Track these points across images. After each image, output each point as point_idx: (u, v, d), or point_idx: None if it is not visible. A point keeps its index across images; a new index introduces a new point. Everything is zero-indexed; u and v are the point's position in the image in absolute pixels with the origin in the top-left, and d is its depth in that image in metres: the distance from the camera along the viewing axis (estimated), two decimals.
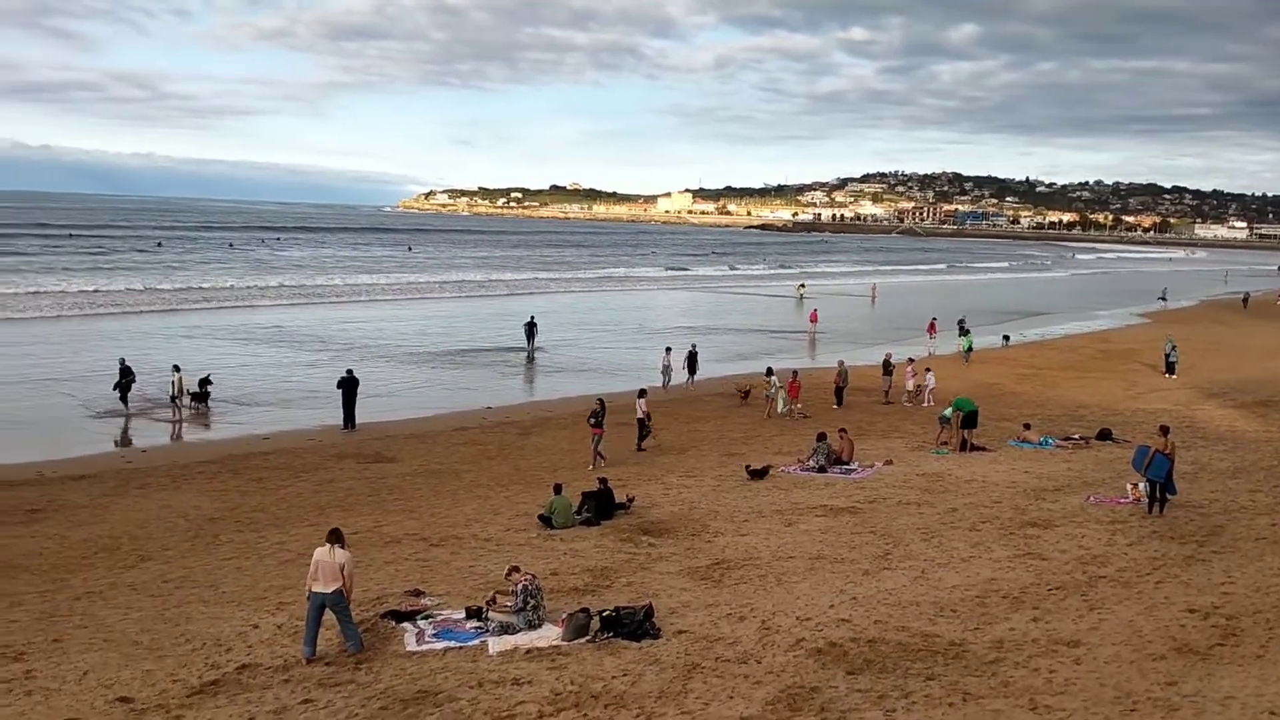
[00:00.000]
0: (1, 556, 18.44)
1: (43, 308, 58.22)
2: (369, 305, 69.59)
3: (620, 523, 20.42)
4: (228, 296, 68.27)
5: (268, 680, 12.46)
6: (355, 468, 25.83)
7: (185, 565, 17.99)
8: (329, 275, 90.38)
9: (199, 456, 26.33)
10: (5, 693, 12.30)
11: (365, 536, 19.43)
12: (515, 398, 36.19)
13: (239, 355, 43.63)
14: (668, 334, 56.70)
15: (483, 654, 13.14)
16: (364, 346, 47.69)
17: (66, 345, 44.35)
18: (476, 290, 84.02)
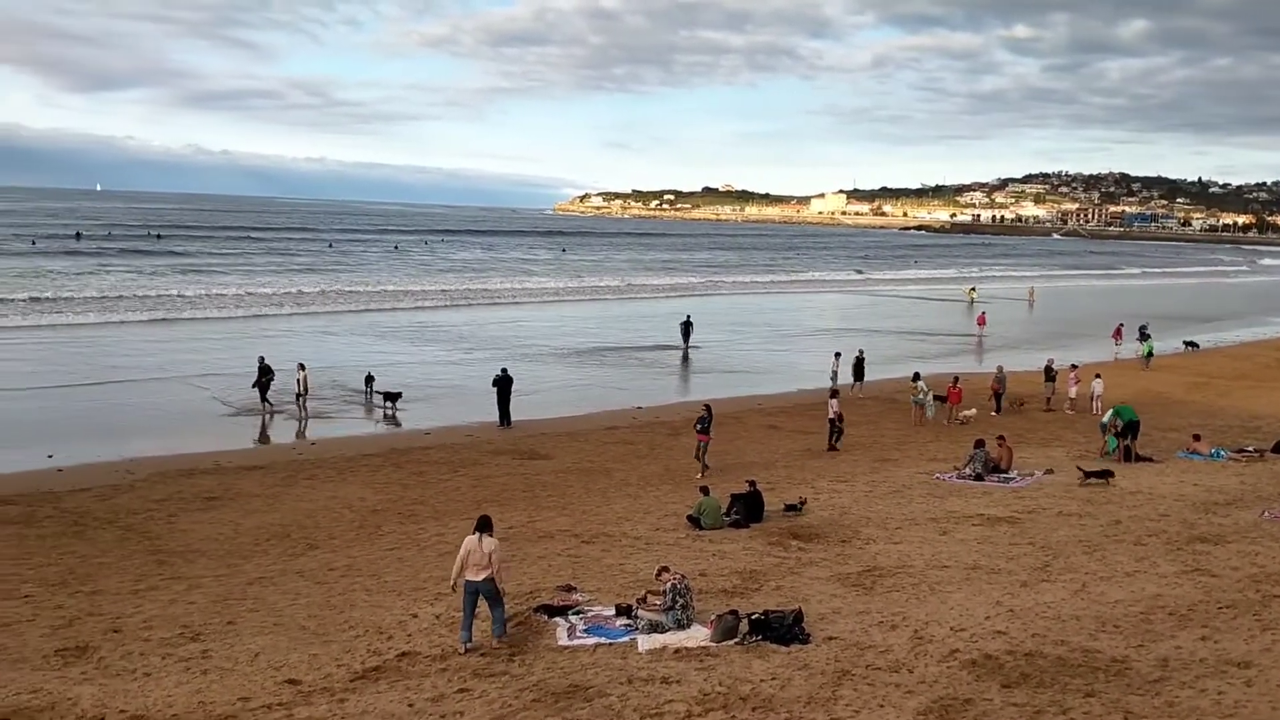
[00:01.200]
0: (182, 541, 19.53)
1: (221, 306, 61.20)
2: (525, 306, 71.00)
3: (769, 526, 20.36)
4: (392, 297, 70.40)
5: (426, 668, 12.88)
6: (510, 464, 26.41)
7: (350, 554, 18.72)
8: (487, 276, 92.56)
9: (364, 450, 27.31)
10: (183, 671, 13.04)
11: (519, 531, 19.87)
12: (665, 398, 36.40)
13: (402, 353, 45.11)
14: (824, 337, 56.22)
15: (632, 651, 13.30)
16: (520, 346, 48.71)
17: (236, 343, 46.54)
18: (629, 292, 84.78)
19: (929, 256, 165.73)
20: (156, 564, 18.16)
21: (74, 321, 51.74)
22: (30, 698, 12.13)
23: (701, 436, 25.85)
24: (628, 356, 47.18)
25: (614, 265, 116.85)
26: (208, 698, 12.10)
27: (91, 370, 37.89)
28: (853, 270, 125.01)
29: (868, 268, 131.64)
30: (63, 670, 13.12)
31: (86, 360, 40.27)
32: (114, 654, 13.68)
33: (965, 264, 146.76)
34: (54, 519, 20.59)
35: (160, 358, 41.21)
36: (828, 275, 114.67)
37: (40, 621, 15.09)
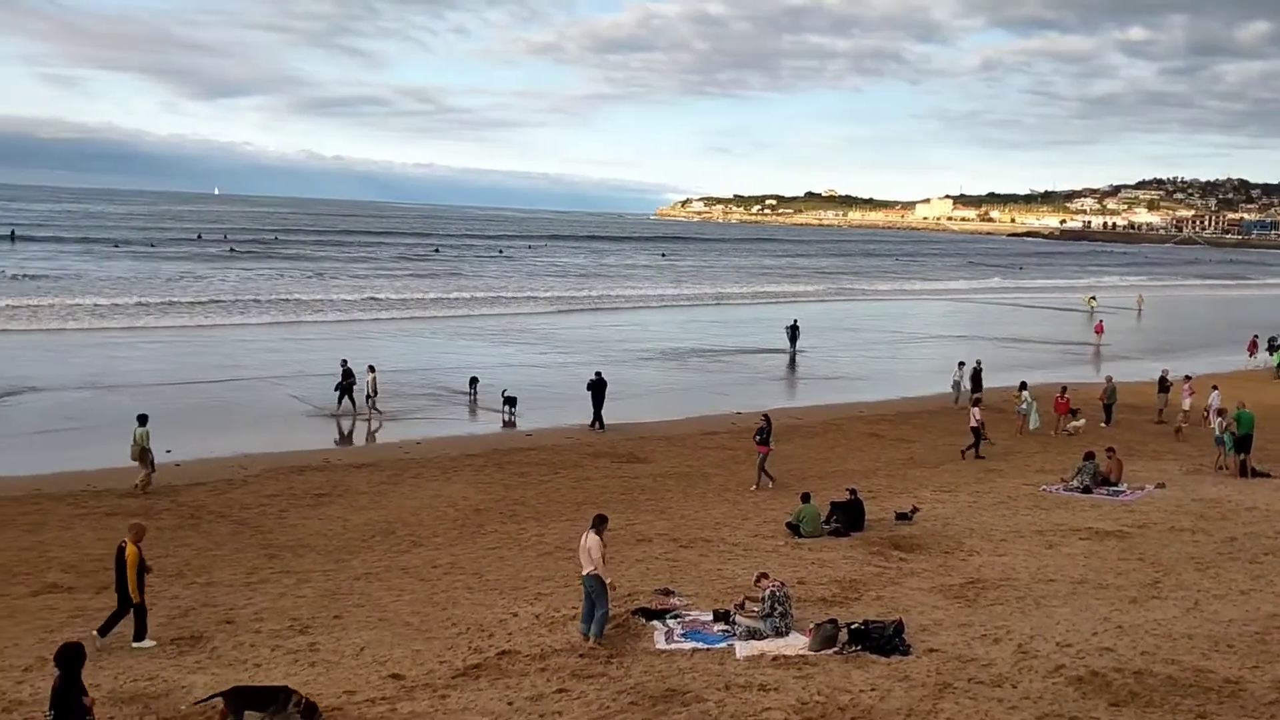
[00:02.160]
0: (292, 536, 20.09)
1: (330, 309, 62.70)
2: (625, 310, 71.29)
3: (870, 535, 20.16)
4: (496, 302, 71.34)
5: (525, 668, 13.05)
6: (610, 466, 26.58)
7: (452, 552, 19.05)
8: (589, 281, 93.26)
9: (467, 450, 27.74)
10: (291, 662, 13.43)
11: (618, 534, 19.97)
12: (764, 403, 36.14)
13: (504, 356, 45.70)
14: (930, 344, 55.49)
15: (729, 657, 13.29)
16: (620, 350, 48.98)
17: (341, 345, 47.69)
18: (729, 297, 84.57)
19: (1038, 263, 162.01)
20: (267, 558, 18.73)
21: (193, 323, 53.52)
22: (147, 684, 12.60)
23: (761, 448, 25.11)
24: (728, 361, 47.10)
25: (714, 270, 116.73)
26: (315, 690, 12.41)
27: (208, 369, 39.17)
28: (960, 277, 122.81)
29: (976, 274, 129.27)
30: (178, 658, 13.60)
31: (203, 359, 41.64)
32: (226, 644, 14.14)
33: (1075, 271, 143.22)
34: (171, 512, 21.36)
35: (272, 357, 42.43)
36: (935, 283, 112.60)
37: (157, 611, 15.63)
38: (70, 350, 42.28)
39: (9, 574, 17.40)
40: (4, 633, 14.66)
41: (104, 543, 19.13)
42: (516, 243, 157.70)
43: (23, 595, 16.47)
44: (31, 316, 51.47)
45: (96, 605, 15.89)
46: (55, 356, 40.54)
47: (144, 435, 23.38)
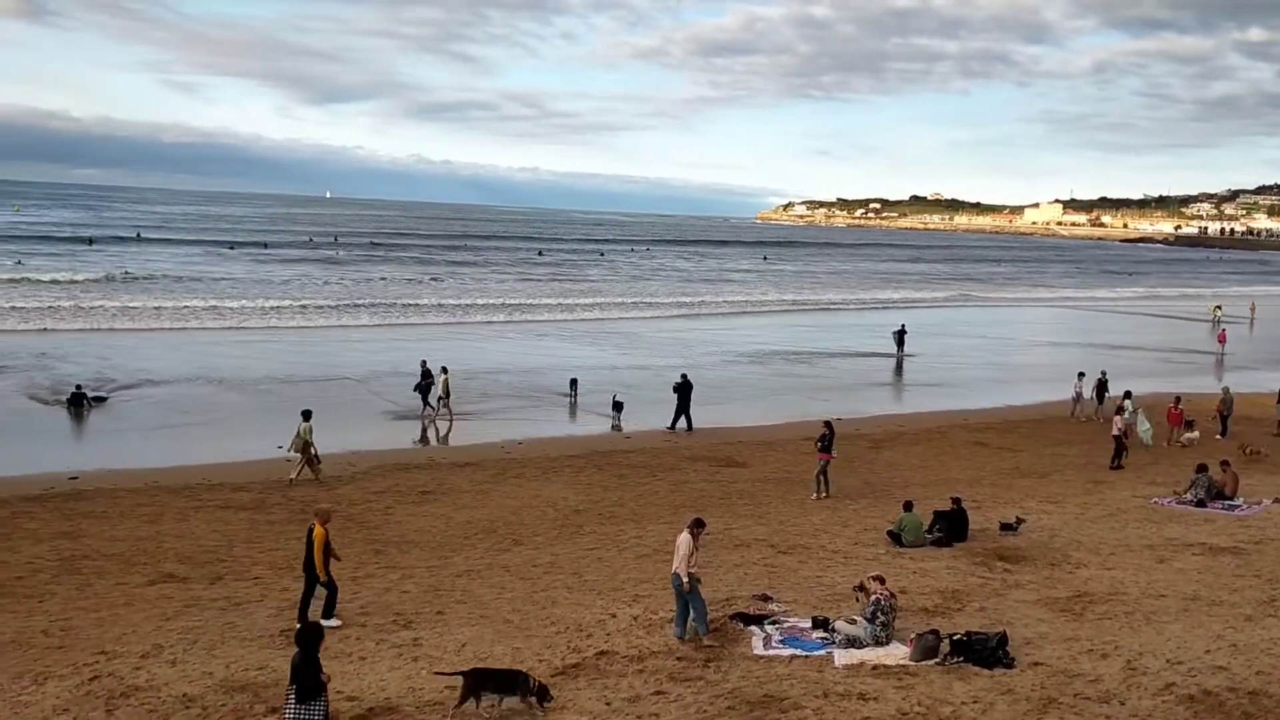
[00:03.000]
0: (397, 532, 20.51)
1: (434, 311, 63.83)
2: (726, 314, 71.17)
3: (974, 545, 19.79)
4: (597, 307, 71.84)
5: (623, 668, 13.12)
6: (708, 470, 26.57)
7: (552, 552, 19.24)
8: (690, 284, 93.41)
9: (566, 451, 28.00)
10: (396, 656, 13.70)
11: (716, 538, 19.95)
12: (866, 409, 35.84)
13: (604, 358, 46.00)
14: (1039, 351, 54.32)
15: (828, 665, 13.19)
16: (720, 353, 48.99)
17: (446, 345, 48.48)
18: (830, 302, 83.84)
19: (1153, 270, 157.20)
20: (374, 553, 19.15)
21: (308, 324, 55.00)
22: (257, 674, 12.98)
23: (823, 455, 24.61)
24: (830, 366, 46.74)
25: (815, 274, 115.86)
26: (417, 684, 12.67)
27: (314, 367, 40.18)
28: (1072, 283, 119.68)
29: (1088, 280, 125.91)
30: (287, 649, 13.92)
31: (311, 358, 42.73)
32: (333, 637, 14.41)
33: (1191, 278, 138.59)
34: (282, 506, 21.97)
35: (375, 356, 43.33)
36: (1045, 289, 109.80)
37: (268, 602, 16.13)
38: (186, 347, 43.76)
39: (128, 563, 18.08)
40: (123, 620, 15.23)
41: (217, 534, 19.85)
42: (618, 246, 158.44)
43: (140, 584, 17.10)
44: (153, 316, 53.39)
45: (210, 595, 16.46)
46: (173, 353, 41.98)
47: (307, 430, 24.39)
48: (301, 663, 10.26)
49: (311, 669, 10.27)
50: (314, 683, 10.27)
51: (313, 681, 10.26)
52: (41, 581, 17.01)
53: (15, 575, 17.24)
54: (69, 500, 21.66)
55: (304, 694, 10.20)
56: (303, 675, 10.22)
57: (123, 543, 19.13)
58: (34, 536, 19.24)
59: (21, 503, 21.26)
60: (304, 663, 10.26)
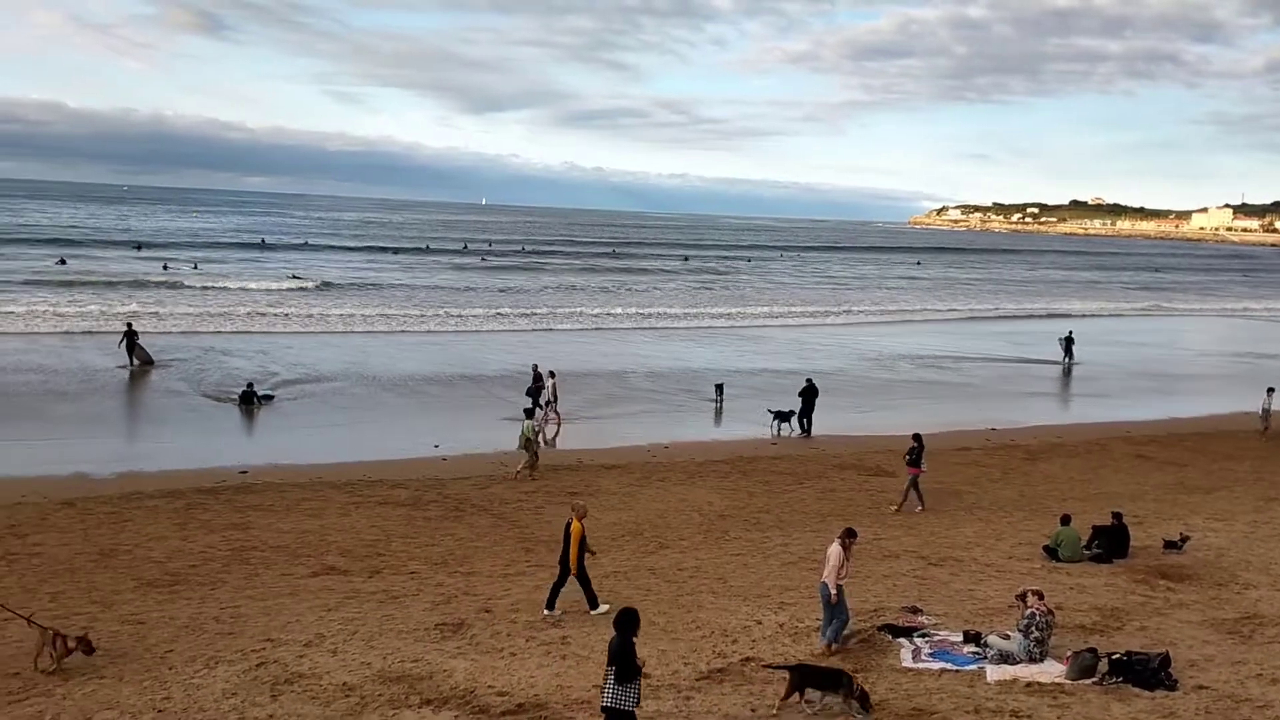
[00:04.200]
0: (547, 531, 20.86)
1: (575, 317, 64.68)
2: (876, 322, 70.15)
3: (1135, 562, 19.06)
4: (742, 314, 71.72)
5: (769, 675, 13.08)
6: (856, 479, 26.26)
7: (697, 556, 19.31)
8: (842, 290, 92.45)
9: (712, 456, 28.04)
10: (544, 654, 13.97)
11: (864, 548, 19.67)
12: (1022, 419, 34.83)
13: (749, 364, 45.88)
14: (1208, 362, 51.91)
15: (979, 680, 12.91)
16: (871, 360, 48.37)
17: (585, 350, 49.08)
18: (985, 311, 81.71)
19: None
20: (524, 551, 19.56)
21: (460, 327, 56.43)
22: (413, 666, 13.41)
23: (911, 469, 23.90)
24: (985, 374, 45.58)
25: (969, 280, 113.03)
26: (565, 682, 12.90)
27: (468, 367, 41.17)
28: (1246, 292, 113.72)
29: (1265, 289, 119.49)
30: (440, 643, 14.39)
31: (463, 360, 43.76)
32: (484, 632, 14.85)
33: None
34: (438, 504, 22.62)
35: (520, 357, 44.16)
36: (1218, 299, 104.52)
37: (423, 597, 16.64)
38: (349, 349, 45.36)
39: (293, 555, 18.89)
40: (288, 609, 15.92)
41: (376, 529, 20.55)
42: (767, 252, 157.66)
43: (304, 575, 17.85)
44: (319, 320, 55.55)
45: (369, 588, 17.07)
46: (335, 354, 43.55)
47: (530, 428, 25.51)
48: (619, 646, 10.63)
49: (629, 652, 10.62)
50: (631, 665, 10.61)
51: (630, 664, 10.60)
52: (213, 570, 17.93)
53: (190, 564, 18.21)
54: (239, 493, 22.75)
55: (622, 675, 10.57)
56: (621, 658, 10.59)
57: (288, 535, 20.00)
58: (207, 527, 20.28)
59: (196, 495, 22.43)
60: (621, 646, 10.63)
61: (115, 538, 19.40)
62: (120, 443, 28.58)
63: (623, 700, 10.60)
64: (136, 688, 12.62)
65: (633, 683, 10.65)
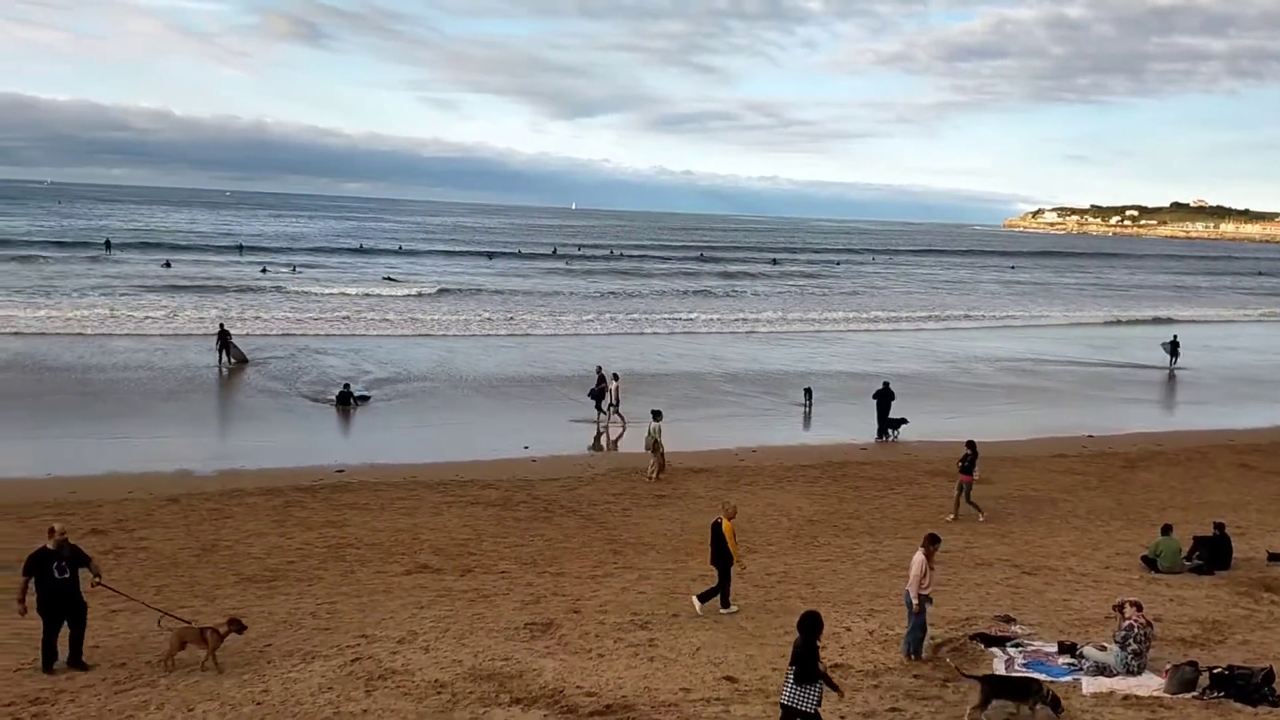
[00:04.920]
0: (634, 534, 20.99)
1: (662, 320, 64.77)
2: (968, 327, 69.09)
3: (1238, 574, 18.51)
4: (828, 319, 71.19)
5: (858, 683, 13.00)
6: (948, 486, 25.79)
7: (785, 561, 19.23)
8: (932, 295, 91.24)
9: (801, 460, 27.89)
10: (632, 655, 14.04)
11: (956, 556, 19.46)
12: (1121, 426, 34.01)
13: (840, 367, 45.54)
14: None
15: (1074, 692, 12.67)
16: (963, 365, 47.69)
17: (664, 352, 49.10)
18: (1082, 318, 79.92)
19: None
20: (612, 553, 19.67)
21: (553, 331, 56.94)
22: (502, 664, 13.58)
23: (964, 477, 23.32)
24: (1082, 379, 44.59)
25: (1065, 285, 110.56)
26: (653, 684, 12.96)
27: (552, 371, 41.52)
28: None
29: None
30: (530, 642, 14.56)
31: (549, 362, 44.14)
32: (573, 633, 14.98)
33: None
34: (527, 504, 22.87)
35: (596, 359, 44.43)
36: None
37: (513, 596, 16.84)
38: (442, 351, 46.03)
39: (387, 553, 19.26)
40: (382, 606, 16.24)
41: (468, 529, 20.85)
42: (858, 256, 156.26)
43: (398, 573, 18.19)
44: (414, 322, 56.48)
45: (460, 587, 17.33)
46: (428, 356, 44.24)
47: (657, 429, 25.68)
48: (803, 647, 10.70)
49: (812, 654, 10.67)
50: (813, 667, 10.65)
51: (812, 666, 10.64)
52: (311, 566, 18.37)
53: (288, 560, 18.68)
54: (336, 492, 23.26)
55: (803, 676, 10.62)
56: (803, 659, 10.65)
57: (383, 533, 20.39)
58: (305, 524, 20.79)
59: (295, 493, 22.99)
60: (805, 647, 10.70)
61: (217, 533, 19.99)
62: (222, 441, 29.45)
63: (802, 701, 10.61)
64: (236, 680, 12.99)
65: (814, 685, 10.62)
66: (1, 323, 46.81)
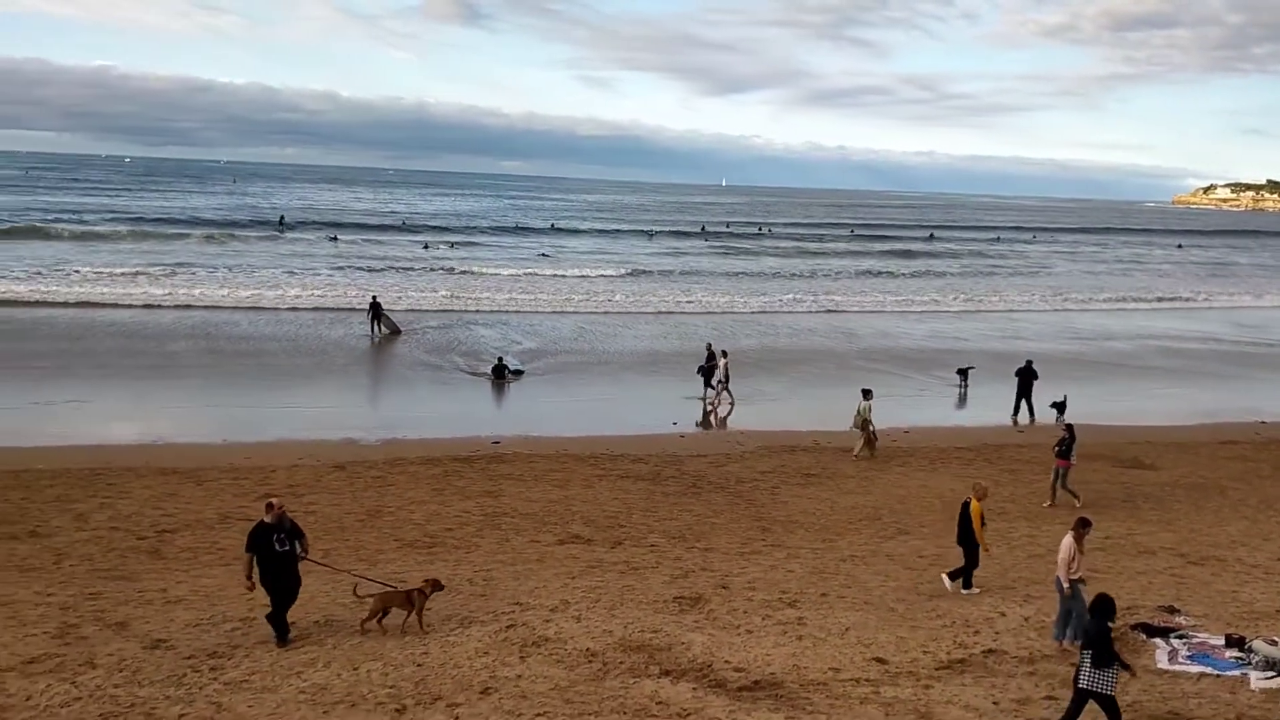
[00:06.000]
0: (783, 512, 21.00)
1: (805, 299, 64.12)
2: (1135, 309, 66.42)
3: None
4: (987, 297, 69.42)
5: (1012, 669, 12.78)
6: (1109, 470, 25.06)
7: (939, 544, 18.93)
8: (1092, 274, 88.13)
9: (956, 442, 27.38)
10: (780, 633, 14.07)
11: (1116, 543, 18.89)
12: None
13: (1000, 347, 44.38)
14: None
15: (1242, 687, 12.20)
16: (1131, 346, 45.98)
17: (804, 330, 48.61)
18: (1262, 304, 75.89)
19: None
20: (760, 530, 19.73)
21: (696, 310, 57.04)
22: (652, 636, 13.79)
23: (1061, 461, 22.30)
24: (1254, 362, 42.46)
25: (1239, 266, 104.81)
26: (801, 662, 12.97)
27: (697, 345, 41.59)
28: None
29: None
30: (679, 616, 14.74)
31: (693, 338, 44.21)
32: (721, 608, 15.10)
33: None
34: (675, 480, 23.09)
35: (737, 337, 44.31)
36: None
37: (662, 570, 17.07)
38: (595, 327, 46.67)
39: (540, 523, 19.74)
40: (535, 574, 16.68)
41: (618, 502, 21.20)
42: (1017, 234, 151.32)
43: (550, 543, 18.64)
44: (567, 298, 57.36)
45: (610, 559, 17.66)
46: (581, 330, 44.90)
47: (867, 408, 25.85)
48: (1095, 631, 10.73)
49: (1106, 637, 10.69)
50: (1109, 650, 10.64)
51: (1108, 648, 10.64)
52: (468, 534, 18.98)
53: (446, 527, 19.33)
54: (492, 462, 23.91)
55: (1099, 660, 10.63)
56: (1098, 643, 10.66)
57: (536, 504, 20.90)
58: (462, 494, 21.45)
59: (452, 463, 23.72)
60: (1098, 631, 10.72)
61: (380, 500, 20.81)
62: (384, 410, 30.56)
63: (1100, 684, 10.53)
64: (399, 641, 13.55)
65: (1110, 667, 10.53)
66: (185, 297, 49.34)
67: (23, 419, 26.47)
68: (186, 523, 19.09)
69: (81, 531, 18.35)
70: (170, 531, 18.57)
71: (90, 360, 34.17)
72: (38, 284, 50.51)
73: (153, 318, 43.62)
